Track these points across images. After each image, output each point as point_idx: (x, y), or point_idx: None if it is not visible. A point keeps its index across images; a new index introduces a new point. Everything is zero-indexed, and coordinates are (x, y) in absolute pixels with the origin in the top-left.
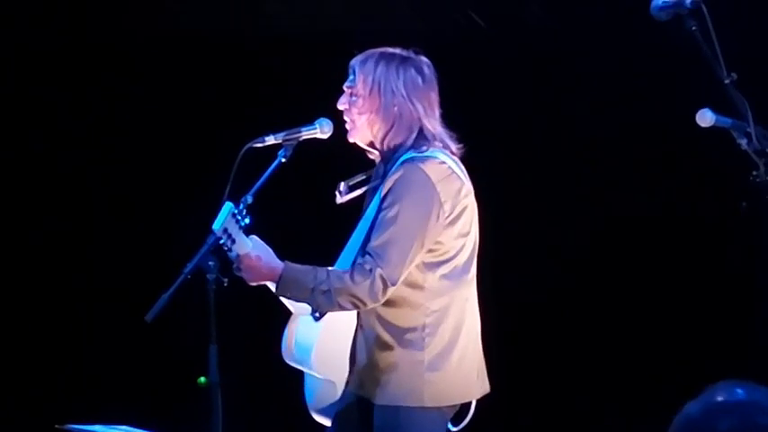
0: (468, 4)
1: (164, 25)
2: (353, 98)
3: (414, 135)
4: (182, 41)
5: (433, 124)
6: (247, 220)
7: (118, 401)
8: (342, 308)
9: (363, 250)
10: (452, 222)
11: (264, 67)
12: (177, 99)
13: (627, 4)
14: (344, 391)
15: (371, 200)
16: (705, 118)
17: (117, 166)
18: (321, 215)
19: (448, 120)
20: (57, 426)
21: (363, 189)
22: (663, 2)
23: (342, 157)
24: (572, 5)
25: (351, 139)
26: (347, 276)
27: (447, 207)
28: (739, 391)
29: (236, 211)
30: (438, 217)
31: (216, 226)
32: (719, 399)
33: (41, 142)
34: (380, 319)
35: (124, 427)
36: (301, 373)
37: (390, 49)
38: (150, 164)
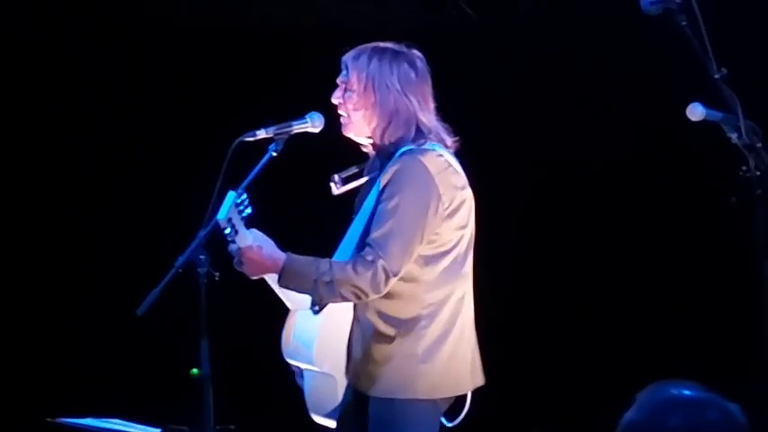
0: None
1: (154, 12)
2: (348, 93)
3: (412, 129)
4: (175, 33)
5: (428, 118)
6: (249, 210)
7: (109, 395)
8: (344, 299)
9: (364, 242)
10: (451, 215)
11: (256, 61)
12: (168, 92)
13: None
14: (344, 388)
15: (368, 192)
16: (695, 112)
17: (107, 159)
18: (313, 208)
19: (443, 112)
20: (48, 419)
21: (361, 181)
22: None
23: (334, 149)
24: None
25: (345, 134)
26: (349, 267)
27: (445, 199)
28: (685, 388)
29: (239, 201)
30: (437, 209)
31: (220, 216)
32: (666, 396)
33: (32, 131)
34: (376, 311)
35: (115, 420)
36: (294, 371)
37: (382, 44)
38: (140, 158)
